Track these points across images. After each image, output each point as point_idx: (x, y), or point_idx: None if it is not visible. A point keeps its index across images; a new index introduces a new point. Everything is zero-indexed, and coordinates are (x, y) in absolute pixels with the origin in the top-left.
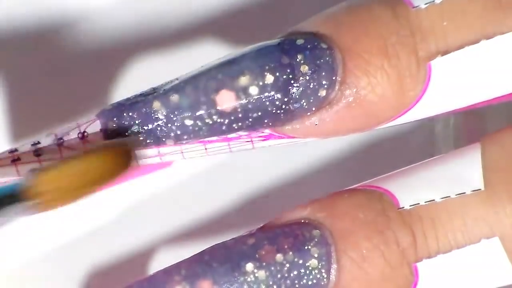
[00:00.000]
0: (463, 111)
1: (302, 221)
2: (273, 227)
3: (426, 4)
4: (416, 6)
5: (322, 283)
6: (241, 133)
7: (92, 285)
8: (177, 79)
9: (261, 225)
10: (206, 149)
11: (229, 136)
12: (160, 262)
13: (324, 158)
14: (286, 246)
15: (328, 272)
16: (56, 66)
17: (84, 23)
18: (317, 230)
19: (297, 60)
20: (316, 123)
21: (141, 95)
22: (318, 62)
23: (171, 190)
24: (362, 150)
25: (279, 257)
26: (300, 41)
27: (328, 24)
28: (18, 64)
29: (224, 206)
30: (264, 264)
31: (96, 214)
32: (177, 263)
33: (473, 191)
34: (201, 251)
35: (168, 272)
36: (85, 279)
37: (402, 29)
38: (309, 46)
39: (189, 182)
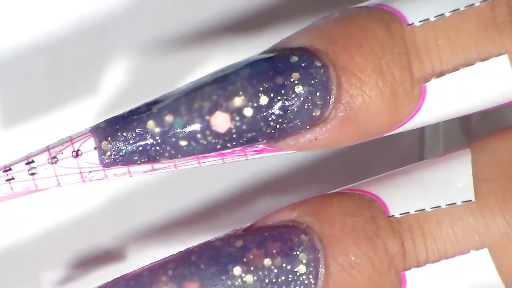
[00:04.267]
0: None
1: (290, 223)
2: (261, 228)
3: (420, 21)
4: (411, 24)
5: None
6: (235, 149)
7: (75, 274)
8: (170, 94)
9: (248, 224)
10: (199, 162)
11: (224, 151)
12: (144, 253)
13: (312, 158)
14: (274, 251)
15: (316, 278)
16: (56, 67)
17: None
18: (306, 235)
19: (292, 80)
20: (309, 140)
21: (135, 112)
22: (312, 82)
23: (156, 181)
24: (350, 150)
25: (267, 261)
26: (294, 59)
27: (322, 39)
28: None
29: (209, 199)
30: (252, 268)
31: (80, 203)
32: (163, 260)
33: (464, 202)
34: (188, 250)
35: (155, 271)
36: (68, 267)
37: (396, 47)
38: (303, 64)
39: (174, 177)
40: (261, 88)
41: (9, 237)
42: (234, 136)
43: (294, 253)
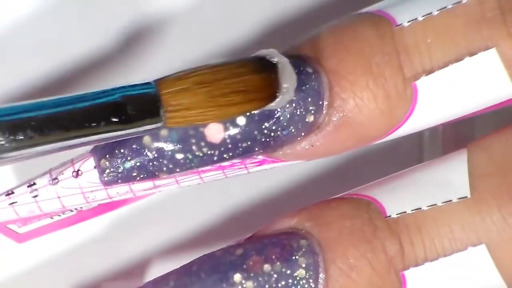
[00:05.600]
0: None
1: (290, 230)
2: (261, 237)
3: (409, 22)
4: (399, 24)
5: None
6: (234, 160)
7: None
8: None
9: (249, 235)
10: (201, 177)
11: (223, 164)
12: (150, 273)
13: (311, 166)
14: (273, 257)
15: (316, 281)
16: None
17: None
18: (305, 240)
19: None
20: (306, 148)
21: None
22: (304, 87)
23: (161, 200)
24: (349, 157)
25: (266, 267)
26: None
27: (312, 46)
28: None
29: (214, 217)
30: (252, 274)
31: (86, 225)
32: (166, 274)
33: (459, 198)
34: (190, 262)
35: (157, 283)
36: None
37: (386, 48)
38: (294, 72)
39: (179, 193)
40: None
41: (15, 265)
42: (230, 146)
43: (294, 257)
